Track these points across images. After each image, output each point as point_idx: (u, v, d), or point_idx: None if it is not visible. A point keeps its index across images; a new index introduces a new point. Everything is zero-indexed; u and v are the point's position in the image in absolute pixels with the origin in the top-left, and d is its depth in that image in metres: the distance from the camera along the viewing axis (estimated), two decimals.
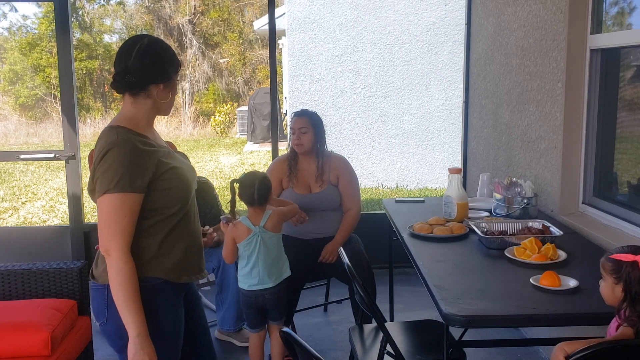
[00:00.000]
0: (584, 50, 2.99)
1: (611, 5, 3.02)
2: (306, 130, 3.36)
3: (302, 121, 3.37)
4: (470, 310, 1.89)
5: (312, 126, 3.38)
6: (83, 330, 2.93)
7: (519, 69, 3.59)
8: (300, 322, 3.69)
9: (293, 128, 3.39)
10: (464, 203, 3.04)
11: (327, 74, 9.11)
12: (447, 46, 8.96)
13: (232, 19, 19.43)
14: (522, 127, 3.56)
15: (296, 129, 3.37)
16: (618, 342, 1.62)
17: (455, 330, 2.03)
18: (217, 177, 10.14)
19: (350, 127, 9.15)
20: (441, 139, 9.14)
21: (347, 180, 3.45)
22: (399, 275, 4.36)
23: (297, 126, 3.37)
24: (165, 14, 18.56)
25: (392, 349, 2.23)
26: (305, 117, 3.39)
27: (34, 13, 18.38)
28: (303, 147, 3.37)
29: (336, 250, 3.32)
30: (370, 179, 9.03)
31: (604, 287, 1.69)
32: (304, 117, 3.39)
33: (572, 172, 3.09)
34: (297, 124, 3.38)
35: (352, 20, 9.00)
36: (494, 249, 2.53)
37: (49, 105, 16.88)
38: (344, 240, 3.38)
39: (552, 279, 2.07)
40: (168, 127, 16.45)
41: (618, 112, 2.91)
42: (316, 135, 3.39)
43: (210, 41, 18.95)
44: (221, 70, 18.86)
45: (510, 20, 3.72)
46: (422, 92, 9.08)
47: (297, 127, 3.37)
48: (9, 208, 8.67)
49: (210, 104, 18.20)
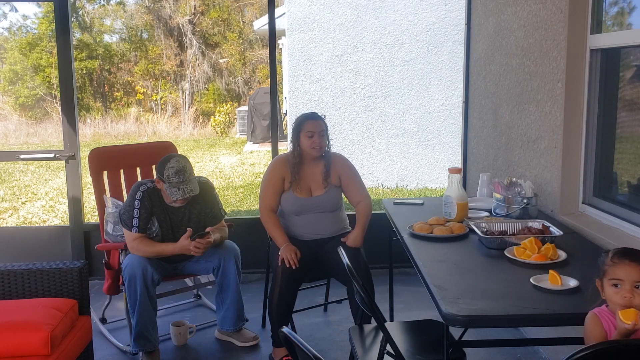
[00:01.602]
0: (584, 50, 2.99)
1: (611, 5, 3.02)
2: (324, 133, 3.37)
3: (321, 124, 3.37)
4: (470, 310, 1.89)
5: (326, 130, 3.41)
6: (83, 330, 2.93)
7: (519, 69, 3.59)
8: (300, 322, 3.69)
9: (312, 131, 3.33)
10: (464, 203, 3.04)
11: (327, 74, 9.11)
12: (447, 46, 8.96)
13: (232, 19, 19.43)
14: (522, 127, 3.56)
15: (316, 132, 3.33)
16: (618, 342, 1.62)
17: (455, 330, 2.03)
18: (217, 177, 10.14)
19: (350, 127, 9.15)
20: (441, 139, 9.15)
21: (349, 176, 3.46)
22: (399, 275, 4.36)
23: (318, 129, 3.34)
24: (165, 14, 18.56)
25: (392, 349, 2.23)
26: (322, 120, 3.40)
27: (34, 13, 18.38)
28: (322, 149, 3.37)
29: (359, 239, 3.34)
30: (370, 179, 9.03)
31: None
32: (320, 120, 3.39)
33: (572, 172, 3.09)
34: (318, 127, 3.35)
35: (352, 20, 9.00)
36: (494, 249, 2.53)
37: (49, 105, 16.88)
38: (364, 229, 3.38)
39: (553, 277, 2.08)
40: (168, 127, 16.47)
41: (618, 112, 2.91)
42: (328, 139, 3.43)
43: (210, 41, 18.95)
44: (221, 70, 18.85)
45: (510, 20, 3.72)
46: (422, 92, 9.07)
47: (318, 130, 3.34)
48: (9, 208, 8.67)
49: (210, 104, 18.20)
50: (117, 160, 3.94)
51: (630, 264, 1.69)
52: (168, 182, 3.18)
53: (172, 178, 3.18)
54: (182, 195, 3.19)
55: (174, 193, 3.19)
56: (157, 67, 18.58)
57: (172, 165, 3.19)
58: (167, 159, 3.23)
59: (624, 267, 1.70)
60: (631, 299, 1.67)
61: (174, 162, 3.21)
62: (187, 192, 3.20)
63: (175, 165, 3.19)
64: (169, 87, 18.66)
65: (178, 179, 3.18)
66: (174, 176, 3.17)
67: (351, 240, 3.33)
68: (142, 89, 18.15)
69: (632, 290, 1.68)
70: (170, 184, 3.18)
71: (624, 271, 1.69)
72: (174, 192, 3.19)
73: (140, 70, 18.40)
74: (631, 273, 1.68)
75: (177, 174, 3.18)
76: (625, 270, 1.69)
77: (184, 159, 3.30)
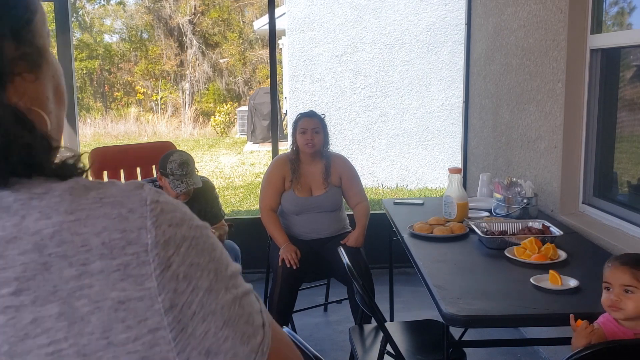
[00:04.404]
0: (584, 50, 2.99)
1: (611, 5, 3.02)
2: (319, 130, 3.38)
3: (315, 121, 3.38)
4: (470, 310, 1.89)
5: (322, 127, 3.41)
6: None
7: (519, 69, 3.59)
8: (300, 322, 3.69)
9: (305, 128, 3.37)
10: (464, 203, 3.04)
11: (327, 74, 9.10)
12: (447, 46, 8.96)
13: (232, 19, 19.43)
14: (522, 127, 3.56)
15: (309, 129, 3.36)
16: (618, 342, 1.63)
17: (455, 330, 2.03)
18: (217, 177, 10.14)
19: (351, 127, 9.15)
20: (441, 139, 9.14)
21: (349, 178, 3.48)
22: (399, 275, 4.36)
23: (310, 126, 3.37)
24: (165, 14, 18.56)
25: (392, 349, 2.23)
26: (316, 118, 3.40)
27: None
28: (315, 147, 3.38)
29: (361, 239, 3.37)
30: (370, 179, 9.03)
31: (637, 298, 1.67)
32: (314, 118, 3.40)
33: (572, 172, 3.09)
34: (310, 123, 3.37)
35: (352, 20, 9.00)
36: (494, 249, 2.53)
37: None
38: (364, 228, 3.41)
39: (553, 277, 2.08)
40: (168, 127, 16.46)
41: (618, 112, 2.91)
42: (324, 137, 3.42)
43: (210, 41, 18.94)
44: (221, 70, 18.85)
45: (510, 20, 3.72)
46: (422, 92, 9.07)
47: (310, 127, 3.36)
48: None
49: (210, 104, 18.20)
50: (117, 160, 3.94)
51: (620, 267, 1.71)
52: (172, 175, 3.16)
53: (175, 170, 3.16)
54: (185, 187, 3.16)
55: (177, 186, 3.16)
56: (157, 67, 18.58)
57: (175, 158, 3.19)
58: (170, 154, 3.23)
59: (613, 270, 1.72)
60: (617, 302, 1.68)
61: (177, 155, 3.21)
62: (191, 184, 3.18)
63: (179, 158, 3.19)
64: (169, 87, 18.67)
65: (182, 172, 3.16)
66: (178, 169, 3.16)
67: (352, 240, 3.33)
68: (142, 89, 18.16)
69: (621, 293, 1.69)
70: (174, 176, 3.16)
71: (613, 274, 1.71)
72: (178, 185, 3.15)
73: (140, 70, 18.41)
74: (619, 276, 1.70)
75: (181, 166, 3.17)
76: (613, 273, 1.71)
77: (186, 154, 3.30)
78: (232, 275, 0.60)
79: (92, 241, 0.51)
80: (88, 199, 0.54)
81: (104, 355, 0.49)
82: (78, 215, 0.52)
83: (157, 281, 0.52)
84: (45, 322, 0.48)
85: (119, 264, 0.51)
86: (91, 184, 0.56)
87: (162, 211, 0.55)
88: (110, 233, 0.52)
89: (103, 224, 0.52)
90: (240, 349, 0.57)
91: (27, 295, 0.48)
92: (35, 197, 0.53)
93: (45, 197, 0.53)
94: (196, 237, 0.58)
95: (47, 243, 0.50)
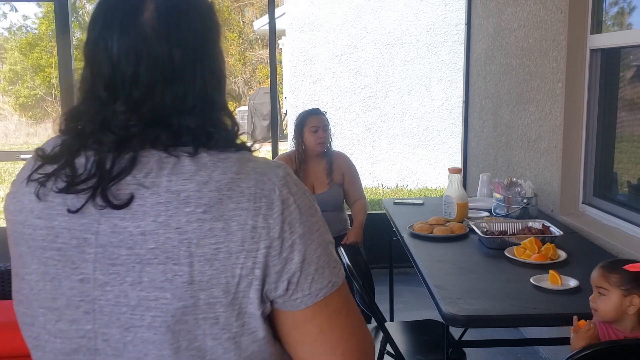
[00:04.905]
0: (584, 50, 2.99)
1: (611, 5, 3.02)
2: (327, 128, 3.41)
3: (324, 119, 3.41)
4: (470, 310, 1.89)
5: (328, 125, 3.45)
6: None
7: (519, 69, 3.59)
8: None
9: (317, 126, 3.37)
10: (464, 203, 3.04)
11: (327, 74, 9.10)
12: (447, 46, 8.96)
13: (232, 19, 19.43)
14: (522, 127, 3.56)
15: (320, 127, 3.37)
16: (618, 342, 1.63)
17: (455, 330, 2.03)
18: None
19: (351, 127, 9.15)
20: (441, 139, 9.14)
21: (351, 177, 3.54)
22: (399, 275, 4.36)
23: (322, 124, 3.38)
24: None
25: (392, 349, 2.23)
26: (324, 116, 3.44)
27: (34, 13, 18.39)
28: (325, 145, 3.40)
29: (360, 233, 3.42)
30: (370, 179, 9.03)
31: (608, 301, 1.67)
32: (322, 115, 3.43)
33: (572, 172, 3.09)
34: (321, 122, 3.39)
35: (352, 20, 8.99)
36: (494, 249, 2.53)
37: (49, 105, 16.88)
38: (362, 224, 3.46)
39: (553, 277, 2.08)
40: None
41: (618, 112, 2.91)
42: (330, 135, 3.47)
43: None
44: None
45: (510, 20, 3.72)
46: (422, 92, 9.07)
47: (322, 125, 3.37)
48: None
49: None
50: None
51: (597, 269, 1.73)
52: None
53: None
54: None
55: None
56: None
57: None
58: None
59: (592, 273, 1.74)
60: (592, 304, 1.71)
61: None
62: None
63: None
64: None
65: None
66: None
67: (352, 235, 3.35)
68: None
69: (596, 295, 1.70)
70: None
71: (591, 276, 1.74)
72: None
73: None
74: (595, 278, 1.72)
75: None
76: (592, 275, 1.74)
77: None
78: (322, 232, 0.89)
79: (246, 191, 0.84)
80: (248, 167, 0.87)
81: (240, 255, 0.82)
82: (241, 175, 0.85)
83: (275, 220, 0.84)
84: (214, 231, 0.81)
85: (257, 206, 0.84)
86: (252, 157, 0.90)
87: (286, 183, 0.88)
88: (255, 188, 0.85)
89: (253, 182, 0.85)
90: (327, 269, 0.88)
91: (209, 214, 0.82)
92: (220, 160, 0.86)
93: (226, 162, 0.86)
94: (304, 202, 0.88)
95: (222, 188, 0.83)
